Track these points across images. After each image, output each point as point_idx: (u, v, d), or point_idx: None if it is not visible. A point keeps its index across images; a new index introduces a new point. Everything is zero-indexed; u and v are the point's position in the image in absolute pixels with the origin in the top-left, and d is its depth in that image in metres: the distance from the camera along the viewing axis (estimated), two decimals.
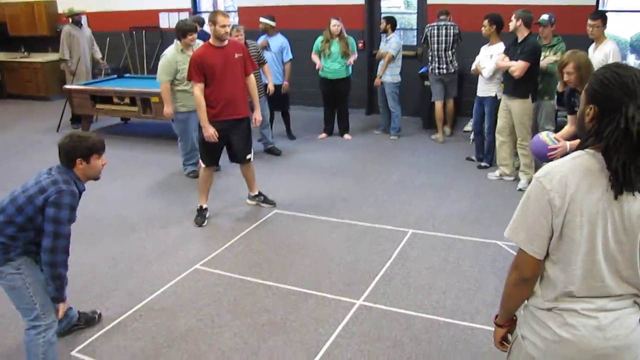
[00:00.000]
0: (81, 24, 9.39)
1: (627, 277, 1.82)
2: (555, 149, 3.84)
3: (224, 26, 5.09)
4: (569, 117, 4.50)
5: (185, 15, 10.53)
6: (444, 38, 7.58)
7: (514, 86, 5.98)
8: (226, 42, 5.21)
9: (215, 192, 6.13)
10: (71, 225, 3.09)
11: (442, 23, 7.59)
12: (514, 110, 6.06)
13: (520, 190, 6.05)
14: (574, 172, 1.78)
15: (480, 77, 6.59)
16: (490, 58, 6.42)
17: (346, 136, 8.24)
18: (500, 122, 6.31)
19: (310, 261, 4.65)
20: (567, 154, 2.30)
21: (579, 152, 1.83)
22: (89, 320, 3.80)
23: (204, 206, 5.48)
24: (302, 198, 6.01)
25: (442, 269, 4.45)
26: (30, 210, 2.96)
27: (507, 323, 2.11)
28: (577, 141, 3.94)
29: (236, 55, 5.26)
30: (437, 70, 7.71)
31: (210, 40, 5.24)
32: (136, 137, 8.62)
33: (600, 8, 7.60)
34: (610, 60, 5.56)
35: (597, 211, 1.76)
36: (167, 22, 10.83)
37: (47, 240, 2.95)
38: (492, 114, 6.53)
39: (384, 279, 4.33)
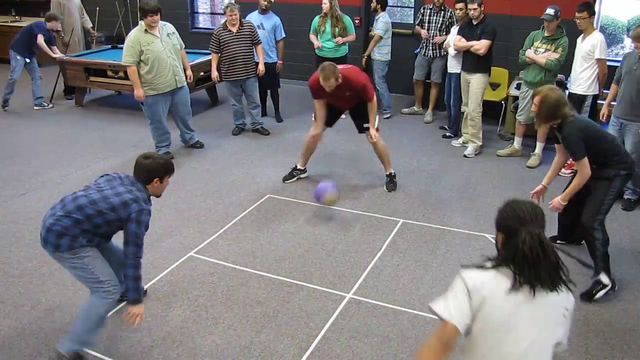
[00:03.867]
0: None
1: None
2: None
3: (326, 85, 5.37)
4: (556, 146, 4.50)
5: None
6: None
7: (475, 63, 6.59)
8: (338, 83, 5.43)
9: (210, 174, 6.23)
10: None
11: None
12: (473, 83, 6.67)
13: (465, 156, 6.81)
14: (491, 280, 2.12)
15: (449, 54, 7.18)
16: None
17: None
18: (464, 97, 6.90)
19: (303, 250, 4.75)
20: None
21: (492, 265, 2.18)
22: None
23: (298, 166, 6.14)
24: (294, 181, 6.08)
25: (431, 262, 4.56)
26: (111, 216, 3.28)
27: None
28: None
29: (347, 94, 5.59)
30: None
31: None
32: (130, 110, 8.59)
33: None
34: (597, 51, 5.80)
35: (511, 313, 2.09)
36: None
37: (131, 248, 3.31)
38: (457, 88, 7.13)
39: (374, 272, 4.44)
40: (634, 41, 5.21)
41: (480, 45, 6.43)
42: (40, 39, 8.36)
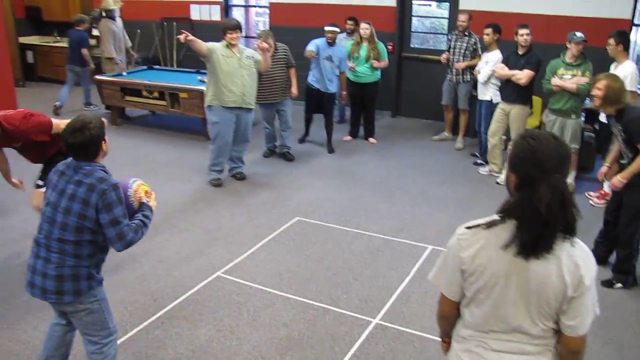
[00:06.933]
0: (115, 17, 9.46)
1: (537, 321, 1.98)
2: None
3: None
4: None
5: (216, 9, 10.66)
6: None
7: (515, 93, 6.50)
8: None
9: (239, 195, 6.26)
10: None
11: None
12: (512, 115, 6.59)
13: (498, 183, 6.67)
14: (489, 243, 1.95)
15: (478, 81, 7.20)
16: (486, 64, 6.97)
17: (371, 140, 8.27)
18: (494, 126, 6.80)
19: (330, 274, 4.72)
20: None
21: (499, 219, 1.96)
22: None
23: None
24: (324, 205, 6.08)
25: None
26: (90, 224, 2.87)
27: (447, 339, 2.31)
28: None
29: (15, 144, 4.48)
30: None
31: None
32: (164, 130, 8.73)
33: (636, 21, 7.56)
34: (628, 82, 5.67)
35: (504, 274, 1.94)
36: (198, 13, 10.90)
37: (118, 245, 2.92)
38: (487, 116, 7.05)
39: (401, 298, 4.39)
40: None
41: (522, 75, 6.32)
42: (85, 51, 9.30)
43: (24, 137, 4.29)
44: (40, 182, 4.64)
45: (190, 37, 5.92)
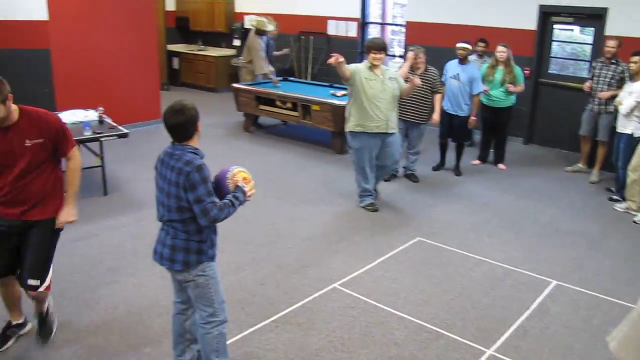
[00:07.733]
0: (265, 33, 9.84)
1: None
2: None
3: None
4: None
5: (353, 25, 10.84)
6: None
7: None
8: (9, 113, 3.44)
9: (363, 212, 6.29)
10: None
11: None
12: None
13: (635, 222, 6.18)
14: None
15: (619, 112, 6.74)
16: (630, 95, 6.53)
17: (500, 165, 8.04)
18: (636, 160, 6.36)
19: (447, 298, 4.63)
20: None
21: None
22: None
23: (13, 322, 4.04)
24: (446, 227, 5.98)
25: (583, 331, 4.25)
26: (185, 203, 3.14)
27: None
28: None
29: (28, 142, 3.52)
30: None
31: None
32: (294, 141, 8.98)
33: None
34: None
35: None
36: (334, 29, 11.15)
37: (202, 220, 3.15)
38: (626, 150, 6.60)
39: (519, 331, 4.22)
40: None
41: None
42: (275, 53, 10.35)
43: (48, 136, 3.57)
44: None
45: (341, 59, 5.73)
